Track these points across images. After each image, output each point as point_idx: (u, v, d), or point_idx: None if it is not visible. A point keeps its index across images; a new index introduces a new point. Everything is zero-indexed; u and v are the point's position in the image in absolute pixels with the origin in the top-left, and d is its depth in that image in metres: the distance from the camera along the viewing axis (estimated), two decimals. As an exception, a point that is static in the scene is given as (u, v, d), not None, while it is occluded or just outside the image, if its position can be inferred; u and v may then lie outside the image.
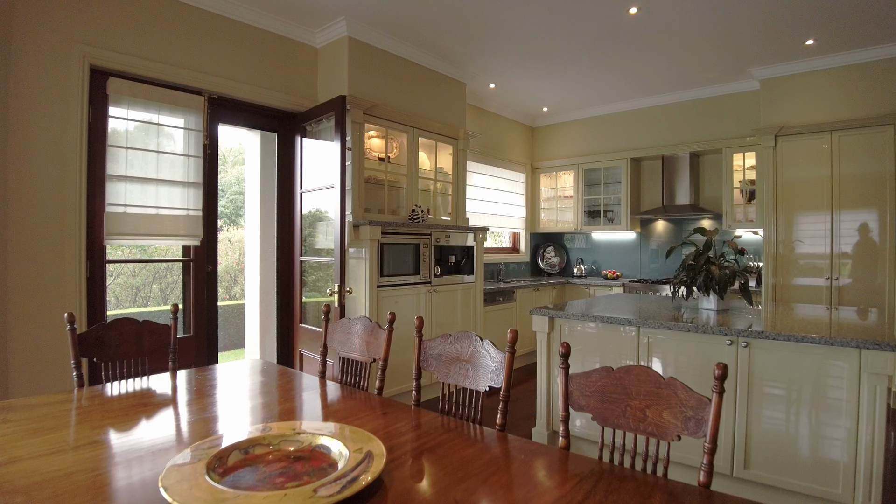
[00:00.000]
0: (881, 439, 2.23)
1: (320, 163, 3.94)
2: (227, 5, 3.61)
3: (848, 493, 2.33)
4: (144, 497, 1.16)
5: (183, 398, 1.94)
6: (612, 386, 1.44)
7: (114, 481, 1.25)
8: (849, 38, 4.17)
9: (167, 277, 9.88)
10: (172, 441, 1.50)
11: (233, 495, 1.11)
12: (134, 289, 9.53)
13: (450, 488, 1.23)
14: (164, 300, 9.57)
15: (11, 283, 2.79)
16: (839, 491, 2.35)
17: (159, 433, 1.56)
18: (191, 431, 1.59)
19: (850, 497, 2.33)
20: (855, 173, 4.48)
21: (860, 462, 2.27)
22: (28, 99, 2.85)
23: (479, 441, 1.54)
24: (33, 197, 2.87)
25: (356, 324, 2.22)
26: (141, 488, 1.21)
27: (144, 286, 9.70)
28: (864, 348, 2.25)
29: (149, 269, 9.47)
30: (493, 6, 3.68)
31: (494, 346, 1.75)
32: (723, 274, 3.03)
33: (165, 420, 1.69)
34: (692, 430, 1.31)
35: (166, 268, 9.55)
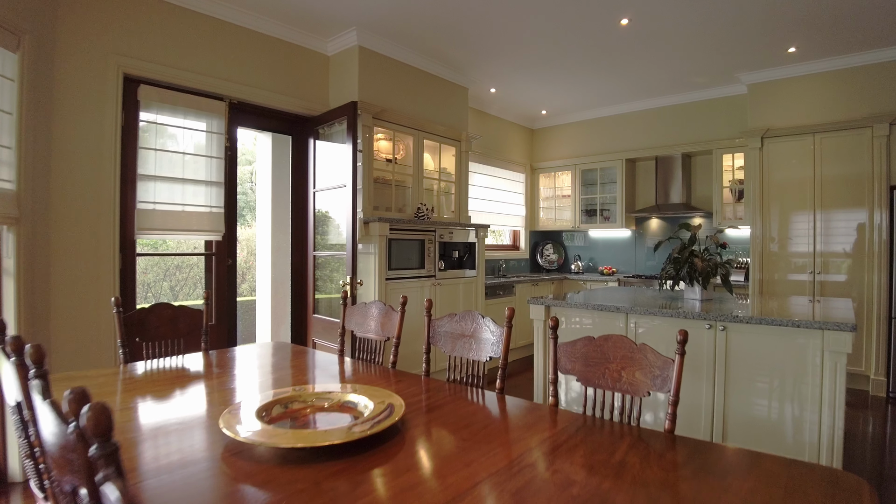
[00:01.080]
0: (841, 407, 2.49)
1: (332, 164, 4.21)
2: (246, 17, 3.88)
3: (814, 454, 2.60)
4: (206, 436, 1.43)
5: (221, 371, 2.21)
6: (594, 352, 1.71)
7: (180, 428, 1.52)
8: (828, 46, 4.43)
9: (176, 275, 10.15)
10: (221, 400, 1.76)
11: (282, 431, 1.38)
12: (145, 286, 9.82)
13: (456, 432, 1.49)
14: (174, 297, 9.85)
15: (55, 272, 3.07)
16: (805, 455, 2.61)
17: (207, 395, 1.83)
18: (234, 394, 1.86)
19: (816, 458, 2.59)
20: (836, 174, 4.74)
21: (824, 428, 2.54)
22: (69, 105, 3.12)
23: (481, 400, 1.80)
24: (74, 194, 3.14)
25: (372, 307, 2.49)
26: (200, 430, 1.47)
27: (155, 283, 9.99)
28: (826, 329, 2.51)
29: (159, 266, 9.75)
30: (494, 17, 3.95)
31: (494, 322, 2.02)
32: (705, 266, 3.29)
33: (210, 387, 1.96)
34: (659, 387, 1.57)
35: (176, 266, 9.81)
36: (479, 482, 1.16)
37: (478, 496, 1.10)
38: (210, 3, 3.66)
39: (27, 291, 2.83)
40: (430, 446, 1.41)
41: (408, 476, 1.21)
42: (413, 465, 1.28)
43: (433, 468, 1.26)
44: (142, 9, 3.40)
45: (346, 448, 1.33)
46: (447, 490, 1.13)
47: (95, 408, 0.74)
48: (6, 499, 2.67)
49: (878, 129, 4.51)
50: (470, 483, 1.16)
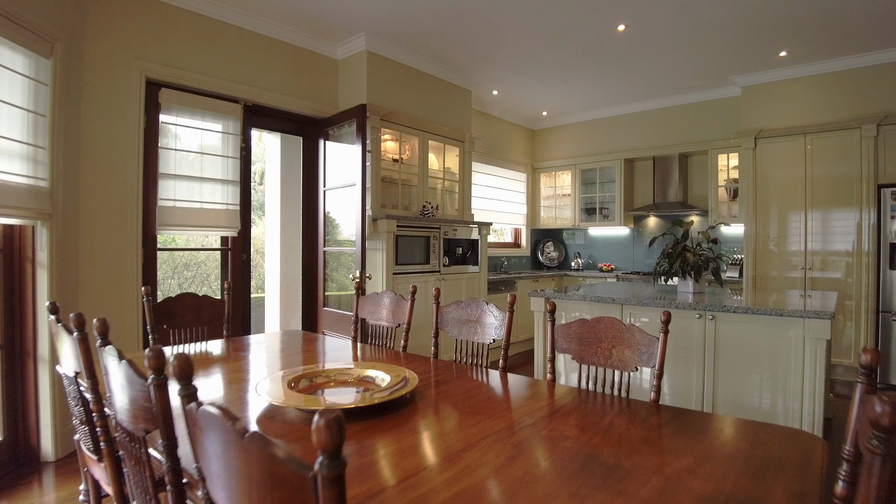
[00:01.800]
0: (821, 390, 2.67)
1: (341, 163, 4.40)
2: (260, 23, 4.06)
3: (795, 441, 2.78)
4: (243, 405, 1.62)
5: (245, 353, 2.40)
6: (587, 333, 1.89)
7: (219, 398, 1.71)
8: (817, 50, 4.61)
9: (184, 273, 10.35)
10: (253, 375, 1.95)
11: (312, 397, 1.56)
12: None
13: (462, 402, 1.68)
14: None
15: (82, 264, 3.26)
16: (788, 439, 2.80)
17: (238, 373, 2.02)
18: (262, 371, 2.05)
19: (797, 444, 2.77)
20: (826, 173, 4.92)
21: (805, 408, 2.72)
22: (96, 108, 3.31)
23: (485, 377, 1.99)
24: (100, 192, 3.33)
25: (384, 297, 2.67)
26: (237, 400, 1.66)
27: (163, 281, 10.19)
28: (807, 318, 2.69)
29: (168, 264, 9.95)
30: (497, 23, 4.13)
31: (497, 307, 2.20)
32: (696, 260, 3.47)
33: (238, 366, 2.15)
34: (645, 362, 1.76)
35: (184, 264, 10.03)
36: (487, 436, 1.35)
37: (486, 445, 1.29)
38: (226, 10, 3.85)
39: (59, 282, 3.02)
40: (441, 411, 1.59)
41: (424, 433, 1.40)
42: (428, 424, 1.46)
43: (446, 426, 1.45)
44: (163, 16, 3.59)
45: (369, 411, 1.51)
46: (459, 441, 1.31)
47: (180, 357, 0.92)
48: (39, 477, 2.86)
49: (866, 130, 4.68)
50: (479, 437, 1.34)
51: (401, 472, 1.15)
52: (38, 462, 3.01)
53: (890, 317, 4.61)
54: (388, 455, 1.25)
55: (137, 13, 3.48)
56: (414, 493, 1.05)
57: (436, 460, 1.22)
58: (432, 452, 1.27)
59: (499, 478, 1.12)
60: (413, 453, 1.26)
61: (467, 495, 1.04)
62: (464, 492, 1.05)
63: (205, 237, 4.22)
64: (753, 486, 1.11)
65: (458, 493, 1.04)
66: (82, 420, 1.73)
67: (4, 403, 2.89)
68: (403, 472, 1.15)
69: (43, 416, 3.00)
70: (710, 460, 1.22)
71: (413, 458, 1.24)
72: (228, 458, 0.74)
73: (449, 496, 1.03)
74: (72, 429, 3.12)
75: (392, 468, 1.18)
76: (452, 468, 1.16)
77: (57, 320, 1.69)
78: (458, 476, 1.12)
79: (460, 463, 1.19)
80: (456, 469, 1.16)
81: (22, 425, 2.98)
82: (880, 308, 4.66)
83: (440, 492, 1.05)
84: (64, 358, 1.71)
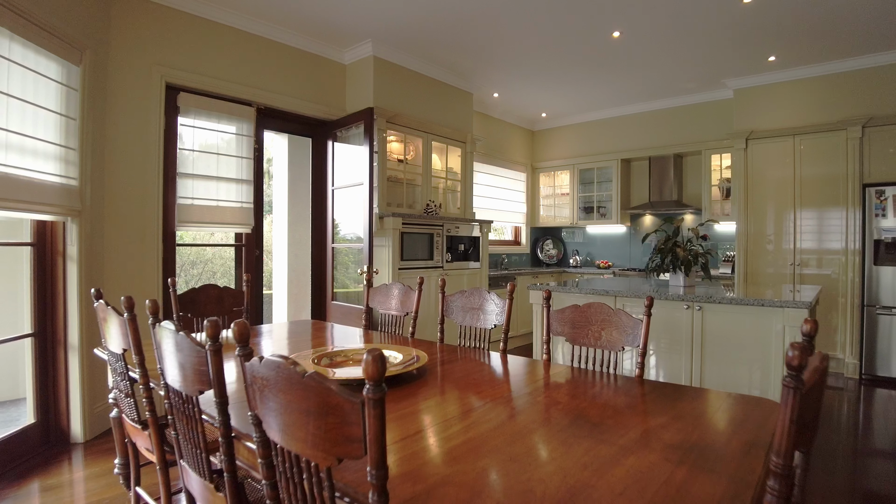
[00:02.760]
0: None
1: (349, 164, 4.60)
2: (272, 30, 4.27)
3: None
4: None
5: (267, 339, 2.60)
6: (579, 317, 2.09)
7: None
8: (805, 55, 4.81)
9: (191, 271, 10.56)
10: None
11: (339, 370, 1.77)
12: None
13: (467, 377, 1.88)
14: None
15: (107, 257, 3.46)
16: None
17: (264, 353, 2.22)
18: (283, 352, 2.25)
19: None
20: (814, 173, 5.12)
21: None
22: (119, 111, 3.51)
23: (487, 357, 2.19)
24: (124, 190, 3.54)
25: (393, 288, 2.88)
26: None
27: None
28: (786, 307, 2.90)
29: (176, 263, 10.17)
30: (497, 30, 4.33)
31: (498, 295, 2.40)
32: (686, 255, 3.67)
33: (264, 348, 2.35)
34: (631, 342, 1.96)
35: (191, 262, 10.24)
36: (489, 401, 1.55)
37: (489, 408, 1.49)
38: (240, 17, 4.05)
39: (87, 274, 3.23)
40: (448, 383, 1.79)
41: (435, 399, 1.60)
42: (437, 393, 1.67)
43: (453, 395, 1.65)
44: (181, 24, 3.80)
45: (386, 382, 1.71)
46: (466, 405, 1.52)
47: (239, 324, 1.13)
48: (69, 456, 3.06)
49: (851, 132, 4.88)
50: (482, 402, 1.55)
51: (421, 425, 1.36)
52: (67, 443, 3.21)
53: (874, 310, 4.81)
54: (408, 414, 1.45)
55: (157, 21, 3.68)
56: (435, 438, 1.25)
57: (447, 417, 1.42)
58: (444, 412, 1.48)
59: (500, 430, 1.33)
60: (428, 412, 1.47)
61: (477, 440, 1.25)
62: (474, 438, 1.26)
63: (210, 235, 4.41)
64: (715, 437, 1.31)
65: (469, 438, 1.25)
66: (127, 393, 1.94)
67: (37, 388, 3.10)
68: (424, 424, 1.36)
69: (73, 400, 3.21)
70: (682, 419, 1.42)
71: (429, 415, 1.44)
72: (289, 396, 0.94)
73: (464, 440, 1.24)
74: (100, 412, 3.34)
75: (413, 422, 1.38)
76: (462, 423, 1.37)
77: (106, 303, 1.89)
78: (468, 428, 1.33)
79: (468, 420, 1.39)
80: (465, 423, 1.36)
81: (53, 409, 3.18)
82: (865, 302, 4.86)
83: (456, 437, 1.26)
84: (111, 338, 1.91)
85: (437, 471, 1.10)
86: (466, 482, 1.05)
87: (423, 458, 1.17)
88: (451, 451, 1.20)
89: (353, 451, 0.86)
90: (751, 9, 3.90)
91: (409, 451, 1.19)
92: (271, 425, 1.03)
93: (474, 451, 1.20)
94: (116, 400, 2.35)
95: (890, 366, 4.69)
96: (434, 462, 1.15)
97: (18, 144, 2.69)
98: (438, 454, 1.19)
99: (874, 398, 4.28)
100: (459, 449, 1.20)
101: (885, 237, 4.76)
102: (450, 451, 1.19)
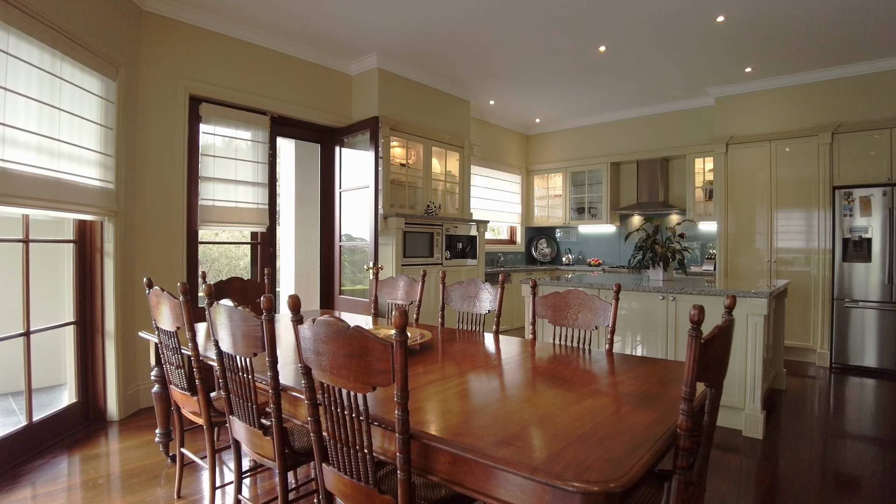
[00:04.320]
0: (760, 358, 3.24)
1: (355, 167, 4.96)
2: (285, 44, 4.62)
3: (740, 399, 3.34)
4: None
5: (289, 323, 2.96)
6: (559, 302, 2.45)
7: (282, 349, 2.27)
8: (778, 67, 5.18)
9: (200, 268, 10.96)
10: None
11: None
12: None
13: (464, 350, 2.24)
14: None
15: (138, 254, 3.81)
16: (734, 398, 3.37)
17: (290, 334, 2.58)
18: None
19: (742, 401, 3.34)
20: (789, 176, 5.49)
21: (748, 368, 3.29)
22: (148, 121, 3.86)
23: (481, 337, 2.55)
24: (152, 193, 3.89)
25: (399, 280, 3.23)
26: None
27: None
28: (749, 297, 3.26)
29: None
30: (493, 44, 4.69)
31: (491, 285, 2.76)
32: (665, 252, 4.04)
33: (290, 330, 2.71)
34: (601, 322, 2.32)
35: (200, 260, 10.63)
36: (482, 366, 1.92)
37: (482, 371, 1.86)
38: (256, 33, 4.41)
39: (122, 269, 3.58)
40: (448, 356, 2.15)
41: (438, 365, 1.96)
42: (441, 362, 2.03)
43: (453, 363, 2.02)
44: (203, 40, 4.15)
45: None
46: (463, 370, 1.88)
47: (293, 297, 1.48)
48: (106, 432, 3.41)
49: (822, 138, 5.26)
50: (476, 367, 1.91)
51: (428, 381, 1.72)
52: (104, 421, 3.56)
53: (844, 304, 5.18)
54: (416, 375, 1.81)
55: (182, 38, 4.03)
56: (439, 389, 1.62)
57: (448, 376, 1.78)
58: (445, 374, 1.84)
59: (489, 384, 1.69)
60: (433, 374, 1.83)
61: (472, 390, 1.62)
62: (469, 389, 1.63)
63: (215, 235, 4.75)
64: (659, 389, 1.67)
65: (465, 389, 1.63)
66: (178, 365, 2.29)
67: (78, 370, 3.45)
68: (430, 381, 1.72)
69: (109, 382, 3.56)
70: (637, 379, 1.79)
71: (433, 376, 1.80)
72: (336, 345, 1.30)
73: (460, 390, 1.61)
74: (133, 393, 3.69)
75: (420, 381, 1.74)
76: (459, 380, 1.73)
77: (161, 289, 2.24)
78: (464, 383, 1.69)
79: (465, 377, 1.76)
80: (462, 380, 1.73)
81: (92, 390, 3.53)
82: (836, 296, 5.23)
83: (454, 388, 1.63)
84: (163, 319, 2.26)
85: (441, 407, 1.46)
86: (463, 412, 1.41)
87: (430, 400, 1.53)
88: (451, 396, 1.56)
89: (384, 381, 1.22)
90: (724, 26, 4.27)
91: (418, 397, 1.55)
92: (319, 369, 1.38)
93: (469, 395, 1.56)
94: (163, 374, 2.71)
95: (858, 355, 5.06)
96: (439, 402, 1.51)
97: (68, 153, 3.05)
98: (442, 399, 1.55)
99: (844, 385, 4.64)
100: (458, 395, 1.57)
101: (852, 236, 5.14)
102: (450, 397, 1.56)
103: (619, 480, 0.99)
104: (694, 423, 1.32)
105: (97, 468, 2.84)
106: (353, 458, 1.36)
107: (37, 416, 3.04)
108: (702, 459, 1.41)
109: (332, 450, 1.42)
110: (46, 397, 3.66)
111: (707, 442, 1.41)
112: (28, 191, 2.70)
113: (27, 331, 2.94)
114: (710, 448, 1.46)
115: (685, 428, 1.22)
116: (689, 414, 1.23)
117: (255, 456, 1.87)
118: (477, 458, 1.13)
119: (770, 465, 2.89)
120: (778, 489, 2.62)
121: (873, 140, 5.06)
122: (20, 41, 2.68)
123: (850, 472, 2.83)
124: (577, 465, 1.06)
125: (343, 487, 1.42)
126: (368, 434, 1.31)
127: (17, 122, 2.65)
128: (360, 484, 1.36)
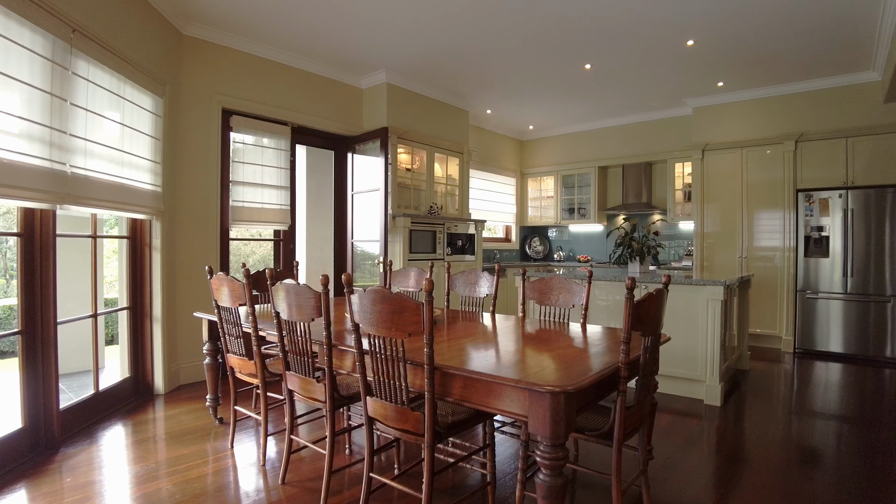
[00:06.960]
0: (718, 338, 3.81)
1: (365, 172, 5.50)
2: (304, 62, 5.17)
3: (702, 373, 3.91)
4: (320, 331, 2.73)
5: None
6: (544, 286, 3.01)
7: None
8: (747, 82, 5.76)
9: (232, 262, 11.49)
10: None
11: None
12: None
13: (466, 325, 2.79)
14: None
15: (178, 249, 4.34)
16: (697, 372, 3.93)
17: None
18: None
19: (704, 375, 3.90)
20: (758, 179, 6.07)
21: (708, 347, 3.85)
22: (187, 131, 4.40)
23: (481, 317, 3.11)
24: (190, 195, 4.42)
25: (409, 271, 3.78)
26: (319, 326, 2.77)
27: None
28: (708, 285, 3.83)
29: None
30: (490, 62, 5.24)
31: (489, 274, 3.32)
32: (640, 247, 4.60)
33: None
34: (577, 302, 2.87)
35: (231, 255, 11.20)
36: (479, 334, 2.47)
37: (479, 337, 2.42)
38: (279, 52, 4.95)
39: (167, 262, 4.11)
40: (453, 328, 2.70)
41: (444, 334, 2.52)
42: (448, 333, 2.58)
43: (457, 333, 2.57)
44: (234, 60, 4.69)
45: (415, 324, 2.63)
46: (465, 337, 2.44)
47: (347, 275, 2.03)
48: (153, 404, 3.94)
49: (786, 145, 5.84)
50: (475, 334, 2.47)
51: (442, 339, 2.27)
52: (151, 394, 4.09)
53: (806, 295, 5.76)
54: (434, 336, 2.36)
55: (215, 58, 4.57)
56: (452, 345, 2.17)
57: (456, 338, 2.34)
58: (454, 336, 2.39)
59: (485, 344, 2.24)
60: (441, 340, 2.38)
61: (475, 344, 2.17)
62: (473, 344, 2.18)
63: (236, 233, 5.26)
64: (616, 345, 2.22)
65: (464, 346, 2.18)
66: (237, 335, 2.83)
67: (130, 349, 3.98)
68: (444, 339, 2.27)
69: (156, 360, 4.09)
70: (601, 340, 2.34)
71: (441, 340, 2.36)
72: (382, 305, 1.85)
73: (460, 346, 2.16)
74: (175, 370, 4.22)
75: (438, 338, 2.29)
76: (466, 339, 2.29)
77: (225, 273, 2.78)
78: (464, 344, 2.25)
79: (469, 338, 2.32)
80: (467, 340, 2.28)
81: (141, 367, 4.06)
82: (799, 288, 5.81)
83: (456, 346, 2.18)
84: (224, 298, 2.79)
85: (453, 354, 2.02)
86: (470, 357, 1.97)
87: (445, 353, 2.08)
88: (460, 348, 2.11)
89: (416, 330, 1.77)
90: (693, 50, 4.84)
91: (436, 349, 2.10)
92: (369, 324, 1.93)
93: (474, 348, 2.11)
94: (215, 347, 3.26)
95: (820, 340, 5.64)
96: (452, 352, 2.06)
97: (129, 161, 3.58)
98: (455, 350, 2.10)
99: (803, 367, 5.21)
100: (460, 350, 2.12)
101: (813, 234, 5.72)
102: (460, 349, 2.11)
103: (572, 386, 1.55)
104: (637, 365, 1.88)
105: (156, 428, 3.38)
106: (392, 388, 1.91)
107: (102, 387, 3.57)
108: (642, 389, 1.97)
109: (375, 384, 1.97)
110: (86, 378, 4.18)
111: (645, 376, 1.97)
112: (102, 194, 3.24)
113: (95, 313, 3.48)
114: (649, 381, 2.01)
115: (623, 362, 1.78)
116: (627, 353, 1.79)
117: (307, 401, 2.42)
118: (481, 377, 1.69)
119: (724, 425, 3.46)
120: (728, 442, 3.18)
121: (832, 148, 5.64)
122: (97, 70, 3.22)
123: (796, 428, 3.40)
124: (546, 379, 1.61)
125: (384, 411, 1.97)
126: (405, 368, 1.86)
127: (95, 136, 3.19)
128: (398, 406, 1.91)
